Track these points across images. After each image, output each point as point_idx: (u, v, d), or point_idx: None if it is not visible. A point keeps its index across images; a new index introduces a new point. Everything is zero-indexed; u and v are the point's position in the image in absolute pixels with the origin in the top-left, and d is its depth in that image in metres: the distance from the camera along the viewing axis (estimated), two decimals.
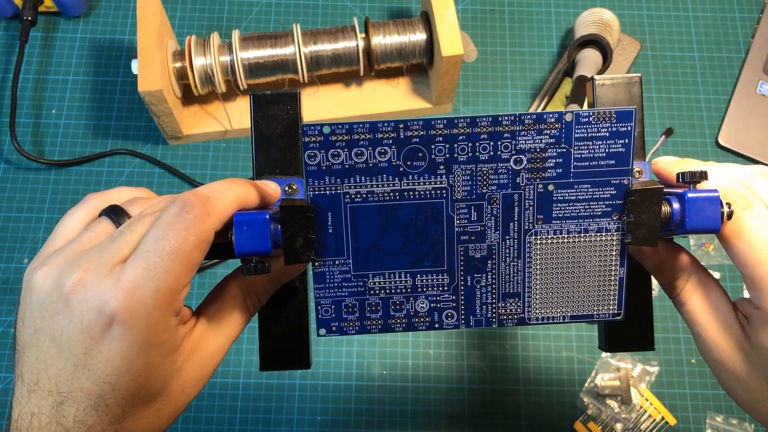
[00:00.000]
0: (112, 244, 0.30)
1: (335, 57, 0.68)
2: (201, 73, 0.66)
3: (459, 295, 0.35)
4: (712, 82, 0.75)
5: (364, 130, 0.33)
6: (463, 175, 0.34)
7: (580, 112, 0.33)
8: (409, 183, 0.34)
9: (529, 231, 0.34)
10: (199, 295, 0.64)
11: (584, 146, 0.33)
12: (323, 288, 0.35)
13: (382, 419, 0.62)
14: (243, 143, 0.72)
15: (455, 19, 0.65)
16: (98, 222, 0.32)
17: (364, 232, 0.34)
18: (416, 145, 0.33)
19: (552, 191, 0.34)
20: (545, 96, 0.72)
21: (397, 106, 0.72)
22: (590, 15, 0.71)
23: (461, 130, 0.33)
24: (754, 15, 0.78)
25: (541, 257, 0.35)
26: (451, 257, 0.35)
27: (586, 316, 0.35)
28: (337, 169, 0.33)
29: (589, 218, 0.34)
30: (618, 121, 0.33)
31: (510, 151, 0.33)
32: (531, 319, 0.35)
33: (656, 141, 0.72)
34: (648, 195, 0.33)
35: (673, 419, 0.62)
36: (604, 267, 0.35)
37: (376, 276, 0.35)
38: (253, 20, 0.77)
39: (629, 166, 0.34)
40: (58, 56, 0.75)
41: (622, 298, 0.35)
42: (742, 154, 0.71)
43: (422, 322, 0.35)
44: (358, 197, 0.34)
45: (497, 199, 0.34)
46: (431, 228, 0.34)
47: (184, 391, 0.31)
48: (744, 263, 0.32)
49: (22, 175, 0.70)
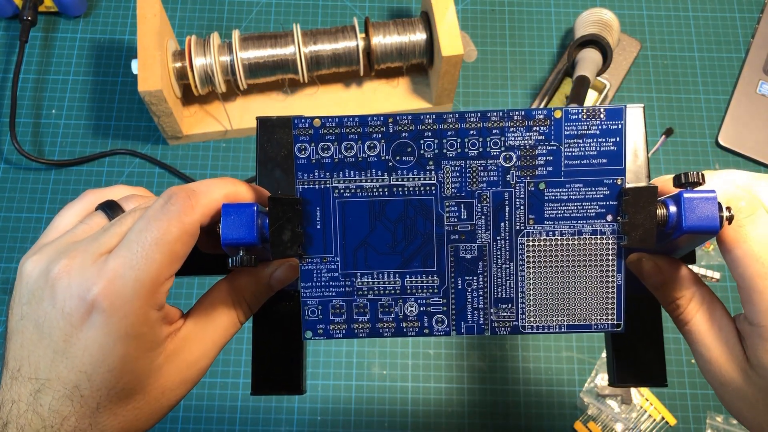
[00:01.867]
0: (102, 236, 0.30)
1: (335, 57, 0.68)
2: (201, 73, 0.66)
3: (450, 299, 0.34)
4: (712, 82, 0.75)
5: (354, 124, 0.32)
6: (452, 171, 0.33)
7: (570, 108, 0.32)
8: (398, 178, 0.33)
9: (521, 232, 0.33)
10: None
11: (575, 144, 0.32)
12: (310, 287, 0.34)
13: (382, 419, 0.62)
14: (243, 143, 0.72)
15: (455, 19, 0.65)
16: (93, 215, 0.32)
17: (353, 228, 0.33)
18: (405, 140, 0.33)
19: (543, 190, 0.33)
20: (545, 96, 0.72)
21: (397, 106, 0.72)
22: (590, 15, 0.71)
23: (450, 125, 0.32)
24: (754, 15, 0.78)
25: (534, 260, 0.33)
26: (441, 257, 0.34)
27: (583, 326, 0.34)
28: (326, 162, 0.33)
29: (583, 219, 0.33)
30: (608, 118, 0.32)
31: (499, 147, 0.33)
32: (525, 327, 0.34)
33: (656, 141, 0.72)
34: (642, 194, 0.31)
35: (673, 419, 0.62)
36: (600, 272, 0.33)
37: (364, 275, 0.34)
38: (253, 20, 0.77)
39: (622, 165, 0.33)
40: (58, 56, 0.75)
41: (621, 308, 0.33)
42: (742, 154, 0.71)
43: (411, 327, 0.34)
44: (347, 192, 0.33)
45: (487, 197, 0.33)
46: (420, 225, 0.33)
47: (164, 393, 0.31)
48: (743, 275, 0.30)
49: (22, 175, 0.70)
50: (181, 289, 0.66)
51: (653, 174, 0.73)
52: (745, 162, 0.71)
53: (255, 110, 0.71)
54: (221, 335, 0.33)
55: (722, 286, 0.67)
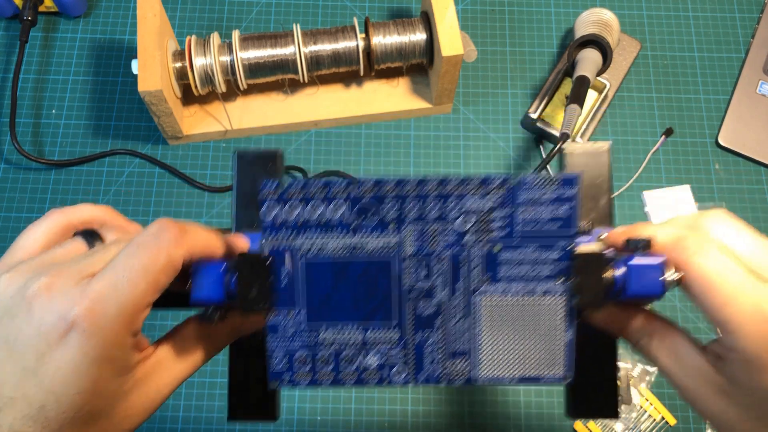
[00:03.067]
0: (85, 260, 0.30)
1: (335, 57, 0.68)
2: (201, 73, 0.66)
3: (409, 352, 0.36)
4: (712, 82, 0.75)
5: (320, 186, 0.34)
6: (413, 233, 0.35)
7: (525, 177, 0.34)
8: (361, 239, 0.35)
9: (477, 290, 0.35)
10: None
11: (529, 209, 0.34)
12: (276, 339, 0.35)
13: (382, 419, 0.62)
14: (243, 143, 0.72)
15: (455, 19, 0.65)
16: (72, 241, 0.32)
17: (317, 285, 0.35)
18: (368, 203, 0.34)
19: (498, 252, 0.35)
20: (545, 96, 0.72)
21: (397, 106, 0.72)
22: (590, 15, 0.71)
23: (410, 190, 0.34)
24: (754, 15, 0.78)
25: (488, 317, 0.35)
26: (401, 313, 0.35)
27: (534, 378, 0.35)
28: (292, 223, 0.35)
29: (535, 280, 0.35)
30: (563, 185, 0.34)
31: (457, 211, 0.34)
32: (479, 379, 0.35)
33: (656, 141, 0.72)
34: (591, 259, 0.33)
35: (673, 419, 0.62)
36: (550, 330, 0.35)
37: (328, 329, 0.35)
38: (253, 20, 0.77)
39: (573, 230, 0.34)
40: (58, 56, 0.75)
41: (570, 362, 0.35)
42: (742, 154, 0.71)
43: (372, 378, 0.36)
44: (312, 251, 0.35)
45: (445, 258, 0.35)
46: (381, 284, 0.35)
47: (126, 418, 0.31)
48: (709, 308, 0.30)
49: (22, 175, 0.70)
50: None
51: (653, 174, 0.73)
52: (745, 162, 0.71)
53: (255, 110, 0.71)
54: (188, 367, 0.33)
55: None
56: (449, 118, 0.73)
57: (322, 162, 0.71)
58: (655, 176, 0.71)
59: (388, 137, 0.72)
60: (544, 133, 0.72)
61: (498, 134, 0.73)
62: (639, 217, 0.69)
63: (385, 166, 0.71)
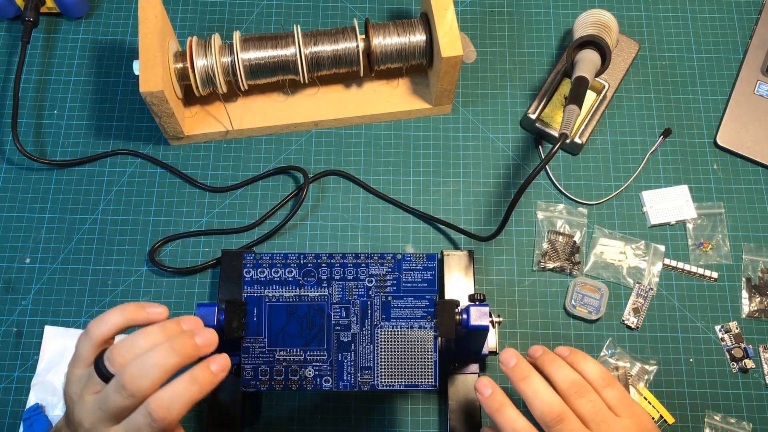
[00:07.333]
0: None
1: (335, 58, 0.68)
2: (202, 74, 0.66)
3: (333, 367, 0.53)
4: (710, 83, 0.75)
5: (280, 258, 0.55)
6: (338, 288, 0.54)
7: (405, 254, 0.55)
8: (305, 291, 0.54)
9: (377, 325, 0.54)
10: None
11: (408, 274, 0.54)
12: (247, 357, 0.53)
13: (382, 419, 0.63)
14: (244, 143, 0.72)
15: (455, 20, 0.65)
16: (90, 376, 0.44)
17: (276, 321, 0.54)
18: (310, 268, 0.55)
19: (390, 301, 0.54)
20: (544, 97, 0.72)
21: (396, 106, 0.72)
22: (589, 16, 0.71)
23: (337, 260, 0.55)
24: (752, 16, 0.78)
25: (384, 344, 0.53)
26: (329, 340, 0.53)
27: (414, 385, 0.53)
28: (262, 280, 0.54)
29: (414, 319, 0.54)
30: (427, 260, 0.55)
31: (365, 274, 0.55)
32: (379, 385, 0.53)
33: (655, 141, 0.72)
34: (447, 306, 0.53)
35: (672, 418, 0.62)
36: (424, 352, 0.53)
37: (281, 350, 0.53)
38: (253, 21, 0.77)
39: (435, 288, 0.54)
40: (59, 57, 0.75)
41: (437, 375, 0.53)
42: (740, 154, 0.72)
43: (309, 384, 0.53)
44: (273, 298, 0.54)
45: (358, 303, 0.54)
46: (317, 320, 0.54)
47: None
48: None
49: (23, 175, 0.70)
50: None
51: (651, 174, 0.73)
52: (743, 162, 0.72)
53: (256, 110, 0.72)
54: None
55: (720, 285, 0.67)
56: (449, 119, 0.73)
57: (322, 162, 0.72)
58: (654, 176, 0.71)
59: (388, 137, 0.73)
60: (543, 133, 0.72)
61: (497, 134, 0.73)
62: (638, 216, 0.70)
63: (384, 166, 0.71)
